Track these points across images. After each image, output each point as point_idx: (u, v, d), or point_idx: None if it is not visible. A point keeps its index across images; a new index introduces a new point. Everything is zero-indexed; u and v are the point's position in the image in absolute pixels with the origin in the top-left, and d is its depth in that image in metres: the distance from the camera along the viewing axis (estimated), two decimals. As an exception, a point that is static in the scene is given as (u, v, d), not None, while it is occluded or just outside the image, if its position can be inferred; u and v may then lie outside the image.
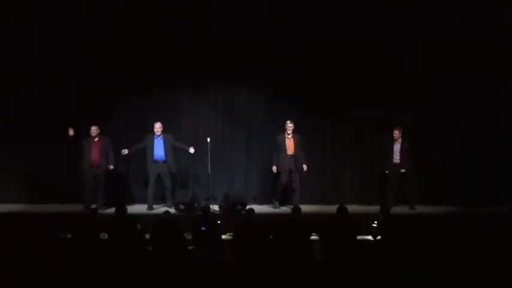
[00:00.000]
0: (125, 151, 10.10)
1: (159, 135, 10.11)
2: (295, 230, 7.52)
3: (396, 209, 8.87)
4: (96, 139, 10.06)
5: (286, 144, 10.19)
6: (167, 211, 8.04)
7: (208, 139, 10.36)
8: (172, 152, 10.17)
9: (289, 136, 10.18)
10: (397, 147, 10.30)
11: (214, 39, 10.73)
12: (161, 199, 10.42)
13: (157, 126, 10.12)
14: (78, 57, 10.53)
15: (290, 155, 10.17)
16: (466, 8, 10.34)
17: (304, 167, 10.20)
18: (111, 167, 10.17)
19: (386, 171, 10.36)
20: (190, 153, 10.36)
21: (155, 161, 10.09)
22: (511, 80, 10.62)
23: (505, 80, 10.65)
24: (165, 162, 10.11)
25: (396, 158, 10.28)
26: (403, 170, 10.21)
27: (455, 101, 10.73)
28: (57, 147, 10.45)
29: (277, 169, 10.23)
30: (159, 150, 10.11)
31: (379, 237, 8.02)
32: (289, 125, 10.18)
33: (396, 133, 10.27)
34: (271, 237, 7.77)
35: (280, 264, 6.96)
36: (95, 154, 10.01)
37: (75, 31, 10.50)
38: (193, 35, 10.72)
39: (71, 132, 9.89)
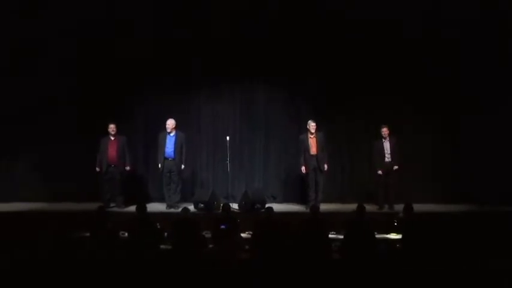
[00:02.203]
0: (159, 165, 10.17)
1: (170, 132, 10.10)
2: (313, 229, 7.50)
3: (419, 207, 8.80)
4: (113, 138, 10.12)
5: (309, 144, 10.14)
6: (185, 208, 8.06)
7: (228, 138, 10.42)
8: (181, 151, 10.14)
9: (312, 136, 10.13)
10: (386, 145, 10.17)
11: (231, 39, 10.77)
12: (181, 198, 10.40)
13: (169, 123, 10.09)
14: (97, 57, 10.68)
15: (312, 155, 10.13)
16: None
17: (325, 166, 10.15)
18: (128, 168, 10.26)
19: (379, 172, 10.23)
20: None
21: (165, 159, 10.10)
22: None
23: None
24: (173, 159, 10.11)
25: (387, 156, 10.16)
26: (396, 167, 10.10)
27: (468, 97, 10.66)
28: (76, 146, 10.57)
29: (306, 169, 10.19)
30: (170, 147, 10.11)
31: (399, 235, 7.98)
32: (312, 124, 10.10)
33: (385, 131, 10.13)
34: (290, 235, 7.74)
35: (298, 262, 6.98)
36: (111, 153, 10.07)
37: (93, 32, 10.63)
38: (211, 35, 10.76)
39: (98, 169, 10.12)
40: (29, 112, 10.77)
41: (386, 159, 10.18)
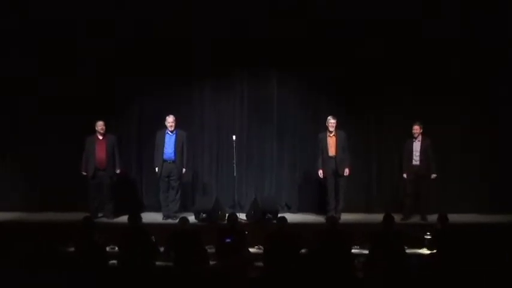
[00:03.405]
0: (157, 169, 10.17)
1: (171, 131, 10.13)
2: (332, 243, 7.54)
3: (455, 218, 8.78)
4: (101, 137, 10.14)
5: (328, 144, 10.13)
6: (184, 218, 8.06)
7: (234, 137, 10.47)
8: (181, 151, 10.15)
9: (331, 134, 10.11)
10: (416, 145, 10.15)
11: (237, 23, 10.75)
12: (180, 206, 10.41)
13: (170, 120, 10.10)
14: (87, 47, 10.74)
15: (331, 157, 10.12)
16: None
17: (346, 171, 10.12)
18: (118, 171, 10.28)
19: (405, 175, 10.24)
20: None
21: (164, 161, 10.11)
22: None
23: None
24: (173, 162, 10.14)
25: (416, 159, 10.14)
26: (434, 175, 10.07)
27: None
28: (60, 147, 10.67)
29: (323, 174, 10.20)
30: (169, 148, 10.12)
31: (433, 250, 8.03)
32: (331, 121, 10.08)
33: (416, 129, 10.12)
34: (305, 250, 7.85)
35: (316, 281, 7.02)
36: (99, 155, 10.08)
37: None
38: (213, 20, 10.76)
39: (84, 173, 10.17)
40: (6, 109, 10.91)
41: (414, 162, 10.17)
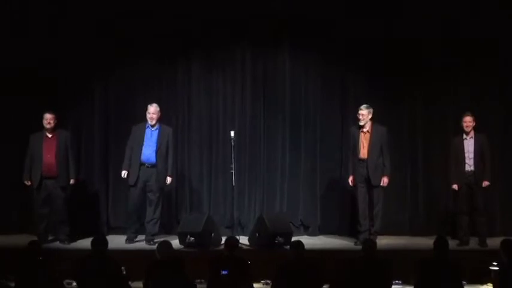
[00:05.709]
0: (124, 173, 10.16)
1: (153, 125, 10.13)
2: (367, 275, 7.49)
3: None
4: (50, 135, 10.08)
5: (359, 142, 10.15)
6: (165, 242, 7.95)
7: (232, 133, 10.46)
8: (165, 154, 10.14)
9: (365, 129, 10.12)
10: (468, 144, 10.07)
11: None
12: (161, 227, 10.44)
13: (152, 111, 10.10)
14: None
15: (361, 159, 10.13)
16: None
17: (384, 180, 10.12)
18: (72, 180, 10.23)
19: (454, 186, 10.13)
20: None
21: (142, 164, 10.08)
22: None
23: None
24: (153, 166, 10.12)
25: (469, 162, 10.03)
26: (486, 183, 10.00)
27: None
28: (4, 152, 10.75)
29: (353, 182, 10.24)
30: (148, 147, 10.10)
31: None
32: (362, 112, 10.06)
33: (468, 121, 10.00)
34: (329, 287, 7.82)
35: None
36: (48, 158, 10.02)
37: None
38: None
39: (28, 182, 10.14)
40: None
41: (468, 168, 10.09)
